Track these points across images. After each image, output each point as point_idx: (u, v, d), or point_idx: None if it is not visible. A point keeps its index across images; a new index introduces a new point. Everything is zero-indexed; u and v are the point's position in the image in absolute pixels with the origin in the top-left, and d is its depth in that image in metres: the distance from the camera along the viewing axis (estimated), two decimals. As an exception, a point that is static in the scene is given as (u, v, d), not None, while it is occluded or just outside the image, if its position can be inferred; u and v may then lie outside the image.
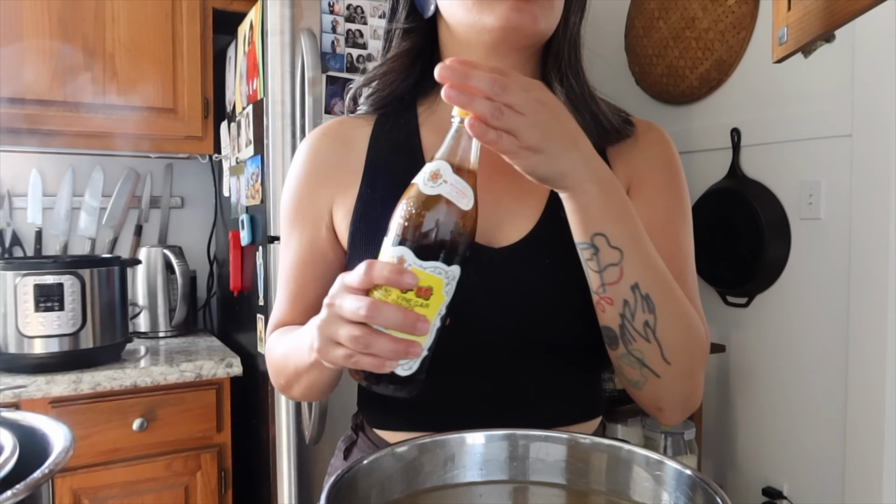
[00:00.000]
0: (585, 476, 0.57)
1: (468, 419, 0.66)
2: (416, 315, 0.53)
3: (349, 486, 0.50)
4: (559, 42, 0.76)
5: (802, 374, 1.85)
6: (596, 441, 0.58)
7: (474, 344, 0.71)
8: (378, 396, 0.78)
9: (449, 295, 0.55)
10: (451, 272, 0.55)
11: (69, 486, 1.58)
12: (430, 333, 0.55)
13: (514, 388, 0.73)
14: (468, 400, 0.73)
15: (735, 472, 2.07)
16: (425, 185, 0.55)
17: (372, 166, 0.78)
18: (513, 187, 0.75)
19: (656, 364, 0.68)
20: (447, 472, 0.57)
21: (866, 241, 1.66)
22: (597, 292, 0.67)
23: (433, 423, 0.71)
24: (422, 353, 0.55)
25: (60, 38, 1.78)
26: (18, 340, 1.60)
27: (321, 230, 0.80)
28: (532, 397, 0.74)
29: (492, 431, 0.59)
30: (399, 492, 0.55)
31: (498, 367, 0.72)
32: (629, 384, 0.72)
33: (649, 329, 0.66)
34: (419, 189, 0.55)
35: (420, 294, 0.53)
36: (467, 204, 0.55)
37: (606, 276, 0.65)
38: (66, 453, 0.49)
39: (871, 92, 1.64)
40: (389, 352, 0.53)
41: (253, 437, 1.81)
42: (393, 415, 0.77)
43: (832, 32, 0.73)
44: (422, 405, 0.74)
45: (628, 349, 0.68)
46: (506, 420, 0.68)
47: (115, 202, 2.15)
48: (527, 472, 0.58)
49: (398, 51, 0.79)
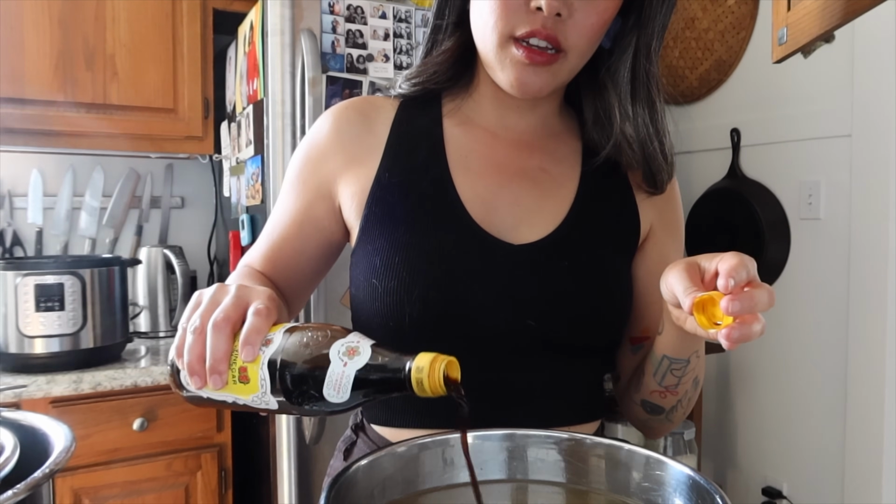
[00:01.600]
0: (585, 476, 0.57)
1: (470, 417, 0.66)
2: (223, 370, 0.53)
3: (349, 486, 0.50)
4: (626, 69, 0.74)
5: (802, 374, 1.85)
6: (596, 441, 0.58)
7: (479, 338, 0.71)
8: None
9: (253, 403, 0.54)
10: (268, 399, 0.53)
11: (70, 486, 1.58)
12: (218, 395, 0.55)
13: (517, 386, 0.73)
14: (470, 397, 0.73)
15: (735, 472, 2.07)
16: (338, 345, 0.51)
17: (392, 150, 0.77)
18: (534, 190, 0.76)
19: (679, 419, 0.78)
20: (447, 471, 0.57)
21: (866, 241, 1.66)
22: (666, 388, 0.74)
23: (435, 421, 0.72)
24: (200, 391, 0.55)
25: (61, 39, 1.78)
26: (19, 340, 1.60)
27: (322, 198, 0.79)
28: (534, 397, 0.74)
29: (492, 431, 0.59)
30: (399, 492, 0.55)
31: (500, 363, 0.73)
32: (641, 424, 0.81)
33: (689, 402, 0.76)
34: (338, 335, 0.52)
35: (241, 370, 0.53)
36: (332, 396, 0.51)
37: (684, 379, 0.73)
38: (67, 453, 0.49)
39: (870, 92, 1.64)
40: (188, 356, 0.54)
41: (253, 437, 1.81)
42: (395, 412, 0.77)
43: (832, 32, 0.73)
44: (424, 402, 0.74)
45: (667, 418, 0.78)
46: (507, 419, 0.68)
47: (116, 202, 2.15)
48: (527, 472, 0.58)
49: (447, 47, 0.78)
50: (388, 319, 0.71)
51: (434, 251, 0.71)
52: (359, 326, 0.78)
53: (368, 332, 0.75)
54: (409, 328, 0.70)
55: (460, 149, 0.77)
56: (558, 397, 0.75)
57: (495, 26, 0.68)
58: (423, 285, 0.70)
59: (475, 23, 0.72)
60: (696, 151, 2.11)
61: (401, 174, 0.75)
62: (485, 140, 0.78)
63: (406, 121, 0.79)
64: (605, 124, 0.76)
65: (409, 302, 0.70)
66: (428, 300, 0.69)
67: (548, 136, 0.80)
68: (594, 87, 0.77)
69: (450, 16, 0.77)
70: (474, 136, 0.78)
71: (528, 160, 0.78)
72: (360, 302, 0.75)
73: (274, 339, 0.53)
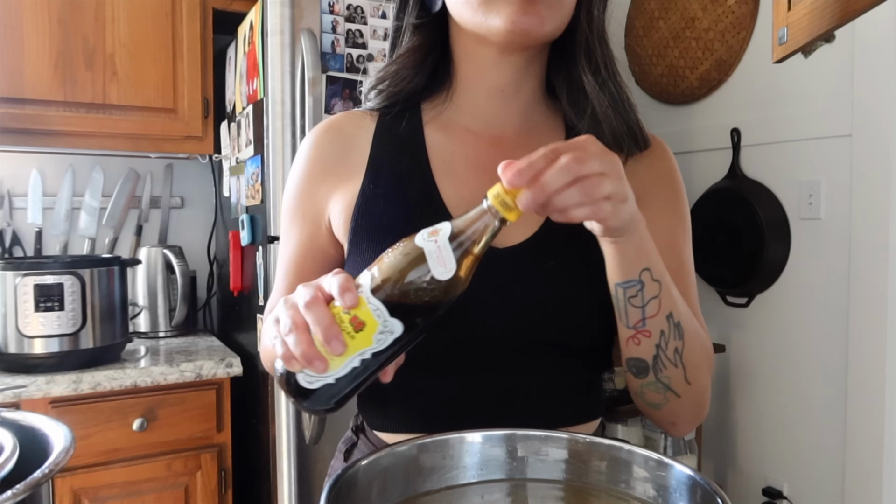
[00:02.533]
0: (585, 476, 0.57)
1: (466, 420, 0.66)
2: (337, 332, 0.53)
3: (349, 487, 0.50)
4: (585, 38, 0.74)
5: (802, 374, 1.85)
6: (596, 441, 0.58)
7: (475, 341, 0.71)
8: (378, 398, 0.78)
9: (379, 343, 0.53)
10: (391, 324, 0.53)
11: (69, 486, 1.58)
12: (345, 366, 0.54)
13: (515, 388, 0.73)
14: (467, 400, 0.73)
15: (735, 472, 2.07)
16: (421, 234, 0.54)
17: (375, 162, 0.77)
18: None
19: (680, 386, 0.69)
20: (447, 472, 0.57)
21: (866, 241, 1.66)
22: (635, 327, 0.67)
23: (431, 426, 0.71)
24: (326, 375, 0.54)
25: (60, 38, 1.78)
26: (18, 340, 1.60)
27: (321, 226, 0.79)
28: (533, 398, 0.73)
29: (491, 432, 0.59)
30: (399, 492, 0.55)
31: (498, 366, 0.72)
32: (648, 406, 0.73)
33: (678, 355, 0.68)
34: (414, 234, 0.54)
35: (352, 322, 0.53)
36: (442, 274, 0.53)
37: (648, 310, 0.66)
38: (67, 453, 0.49)
39: (870, 92, 1.64)
40: (298, 349, 0.53)
41: (253, 437, 1.81)
42: (392, 417, 0.76)
43: (832, 32, 0.73)
44: (419, 407, 0.74)
45: (657, 377, 0.69)
46: (506, 421, 0.68)
47: (115, 202, 2.15)
48: (526, 472, 0.58)
49: (409, 46, 0.77)
50: None
51: None
52: None
53: None
54: None
55: (443, 153, 0.77)
56: (557, 398, 0.75)
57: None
58: None
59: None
60: (696, 151, 2.11)
61: (385, 184, 0.75)
62: (466, 141, 0.77)
63: (387, 132, 0.79)
64: (578, 98, 0.76)
65: None
66: None
67: (529, 130, 0.79)
68: (564, 64, 0.77)
69: (409, 16, 0.77)
70: (456, 138, 0.77)
71: (511, 157, 0.77)
72: None
73: (361, 279, 0.55)
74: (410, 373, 0.70)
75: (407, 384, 0.72)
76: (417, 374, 0.71)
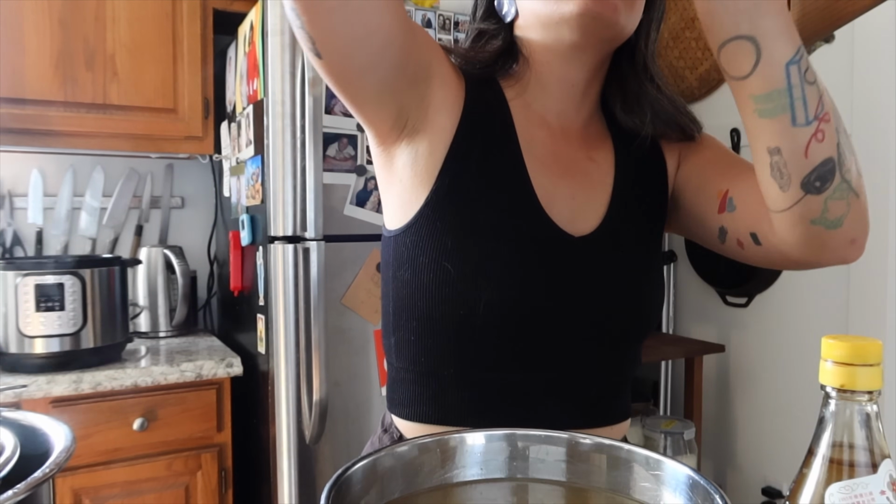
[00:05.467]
0: (585, 476, 0.58)
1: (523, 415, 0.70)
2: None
3: (349, 487, 0.51)
4: (643, 57, 0.78)
5: (802, 373, 1.85)
6: (596, 441, 0.58)
7: (550, 329, 0.72)
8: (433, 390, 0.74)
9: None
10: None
11: (70, 486, 1.58)
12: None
13: (579, 381, 0.75)
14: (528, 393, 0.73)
15: (735, 472, 2.07)
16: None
17: (469, 119, 0.73)
18: (584, 184, 0.77)
19: (858, 181, 0.63)
20: (447, 471, 0.58)
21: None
22: (816, 117, 0.57)
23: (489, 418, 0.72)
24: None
25: (61, 39, 1.78)
26: (19, 340, 1.60)
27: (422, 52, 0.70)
28: (592, 398, 0.76)
29: (492, 431, 0.59)
30: (399, 492, 0.55)
31: (566, 356, 0.73)
32: (828, 226, 0.64)
33: (848, 140, 0.62)
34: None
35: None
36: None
37: (822, 91, 0.58)
38: (67, 453, 0.49)
39: (870, 92, 1.64)
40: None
41: (253, 437, 1.81)
42: (450, 408, 0.73)
43: (831, 33, 0.73)
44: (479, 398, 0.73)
45: (843, 175, 0.60)
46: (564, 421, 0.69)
47: (116, 202, 2.15)
48: (527, 472, 0.58)
49: (492, 50, 0.78)
50: (459, 307, 0.68)
51: (509, 238, 0.70)
52: (406, 320, 0.74)
53: (426, 323, 0.72)
54: (483, 316, 0.68)
55: (525, 133, 0.76)
56: (611, 392, 0.78)
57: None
58: (499, 272, 0.68)
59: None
60: (696, 151, 2.11)
61: (476, 149, 0.72)
62: (544, 128, 0.78)
63: (476, 91, 0.76)
64: (633, 107, 0.79)
65: (486, 287, 0.68)
66: (503, 287, 0.68)
67: (589, 131, 0.81)
68: (618, 79, 0.80)
69: (479, 21, 0.80)
70: (536, 122, 0.77)
71: (578, 150, 0.79)
72: (421, 288, 0.70)
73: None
74: (475, 364, 0.71)
75: (471, 375, 0.72)
76: (491, 365, 0.72)
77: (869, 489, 0.41)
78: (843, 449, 0.42)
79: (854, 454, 0.41)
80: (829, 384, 0.42)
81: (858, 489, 0.41)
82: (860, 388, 0.41)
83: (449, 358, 0.72)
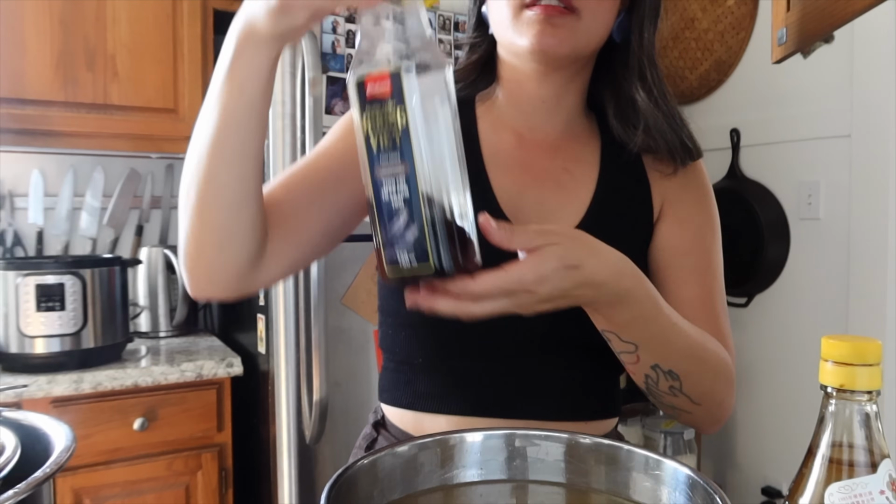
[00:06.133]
0: (585, 476, 0.58)
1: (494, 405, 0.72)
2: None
3: (349, 487, 0.51)
4: (638, 60, 0.78)
5: (802, 373, 1.85)
6: (596, 441, 0.58)
7: (509, 337, 0.74)
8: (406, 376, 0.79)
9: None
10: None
11: (70, 486, 1.58)
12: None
13: (549, 377, 0.76)
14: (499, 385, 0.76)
15: (735, 472, 2.07)
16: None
17: None
18: (557, 193, 0.78)
19: (686, 406, 0.72)
20: (447, 471, 0.58)
21: (865, 241, 1.66)
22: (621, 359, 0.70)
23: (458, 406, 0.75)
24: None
25: (61, 39, 1.78)
26: (20, 340, 1.60)
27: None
28: (556, 391, 0.77)
29: (491, 431, 0.59)
30: (399, 492, 0.55)
31: (527, 363, 0.75)
32: (665, 409, 0.76)
33: (675, 390, 0.70)
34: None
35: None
36: None
37: (625, 359, 0.69)
38: (68, 453, 0.49)
39: (870, 92, 1.64)
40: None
41: (253, 437, 1.81)
42: (419, 395, 0.78)
43: (831, 33, 0.73)
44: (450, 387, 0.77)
45: (659, 401, 0.73)
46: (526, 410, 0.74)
47: (116, 202, 2.15)
48: (526, 472, 0.58)
49: (466, 62, 0.83)
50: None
51: None
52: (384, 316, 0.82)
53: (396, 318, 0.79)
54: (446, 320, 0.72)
55: (491, 147, 0.80)
56: (583, 390, 0.78)
57: (508, 1, 0.72)
58: None
59: (491, 14, 0.76)
60: (696, 151, 2.11)
61: None
62: (513, 141, 0.81)
63: None
64: (628, 114, 0.79)
65: None
66: None
67: (570, 137, 0.82)
68: (612, 83, 0.81)
69: (470, 33, 0.84)
70: (505, 136, 0.81)
71: (552, 161, 0.80)
72: (388, 287, 0.77)
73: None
74: (440, 354, 0.73)
75: (436, 364, 0.76)
76: (448, 353, 0.75)
77: (868, 489, 0.41)
78: (843, 449, 0.42)
79: (853, 454, 0.42)
80: (828, 384, 0.42)
81: (858, 489, 0.41)
82: (860, 388, 0.41)
83: (417, 349, 0.78)
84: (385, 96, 0.49)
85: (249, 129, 0.61)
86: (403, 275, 0.52)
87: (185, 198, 0.64)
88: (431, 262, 0.51)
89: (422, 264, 0.51)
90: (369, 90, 0.50)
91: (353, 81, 0.50)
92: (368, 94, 0.50)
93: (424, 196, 0.50)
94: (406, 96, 0.49)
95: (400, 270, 0.52)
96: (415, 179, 0.50)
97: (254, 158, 0.62)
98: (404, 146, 0.49)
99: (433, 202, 0.50)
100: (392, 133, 0.50)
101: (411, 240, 0.51)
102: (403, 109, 0.49)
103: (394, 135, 0.49)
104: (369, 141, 0.50)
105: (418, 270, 0.51)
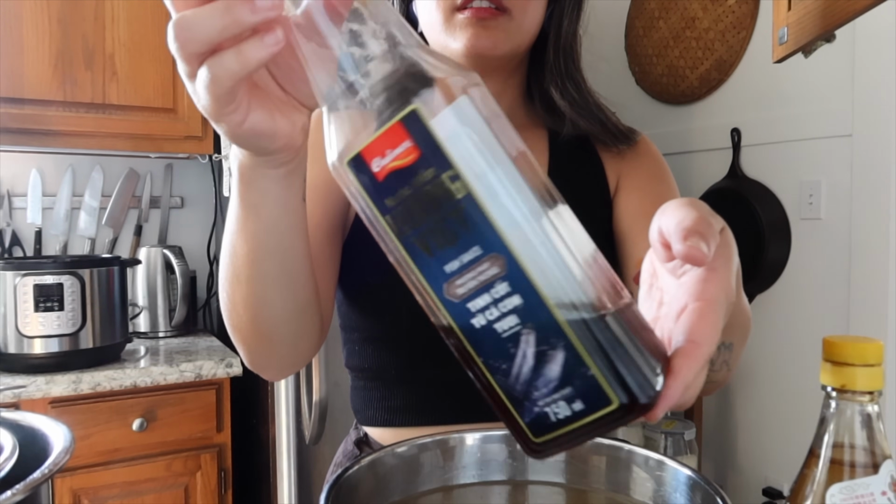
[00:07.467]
0: (585, 476, 0.57)
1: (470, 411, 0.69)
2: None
3: (349, 487, 0.50)
4: (550, 51, 0.78)
5: (803, 374, 1.85)
6: (596, 441, 0.58)
7: None
8: (380, 392, 0.78)
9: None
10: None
11: (69, 487, 1.58)
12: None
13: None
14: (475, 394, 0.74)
15: (735, 472, 2.07)
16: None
17: None
18: None
19: (723, 377, 0.67)
20: (447, 472, 0.57)
21: (866, 242, 1.66)
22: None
23: (436, 417, 0.74)
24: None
25: (60, 38, 1.78)
26: (18, 340, 1.60)
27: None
28: None
29: (491, 431, 0.59)
30: (399, 492, 0.55)
31: None
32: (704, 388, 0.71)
33: (725, 364, 0.66)
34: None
35: None
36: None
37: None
38: (66, 453, 0.49)
39: (871, 92, 1.64)
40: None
41: (253, 437, 1.81)
42: (396, 411, 0.78)
43: (832, 32, 0.73)
44: (423, 397, 0.76)
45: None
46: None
47: (115, 202, 2.15)
48: (526, 472, 0.58)
49: None
50: (384, 315, 0.74)
51: None
52: (348, 332, 0.81)
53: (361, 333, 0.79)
54: (407, 321, 0.72)
55: None
56: None
57: (438, 4, 0.71)
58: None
59: (422, 17, 0.76)
60: (696, 151, 2.11)
61: None
62: None
63: None
64: (551, 105, 0.80)
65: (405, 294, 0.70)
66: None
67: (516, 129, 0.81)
68: (536, 75, 0.81)
69: None
70: None
71: None
72: (349, 302, 0.78)
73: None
74: (419, 362, 0.72)
75: (408, 375, 0.75)
76: (420, 363, 0.74)
77: (870, 490, 0.41)
78: (844, 449, 0.42)
79: (855, 455, 0.41)
80: (829, 384, 0.42)
81: (859, 490, 0.41)
82: (861, 389, 0.41)
83: (389, 361, 0.77)
84: (410, 162, 0.30)
85: (281, 248, 0.55)
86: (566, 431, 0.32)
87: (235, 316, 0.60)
88: (613, 396, 0.30)
89: (597, 405, 0.30)
90: (377, 167, 0.30)
91: (344, 164, 0.31)
92: (378, 172, 0.30)
93: (552, 291, 0.29)
94: (446, 146, 0.29)
95: (559, 426, 0.32)
96: (522, 272, 0.29)
97: (298, 272, 0.58)
98: (480, 227, 0.29)
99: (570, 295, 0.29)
100: (448, 216, 0.30)
101: (561, 375, 0.30)
102: (451, 167, 0.29)
103: (453, 217, 0.30)
104: (413, 248, 0.31)
105: (592, 416, 0.31)
